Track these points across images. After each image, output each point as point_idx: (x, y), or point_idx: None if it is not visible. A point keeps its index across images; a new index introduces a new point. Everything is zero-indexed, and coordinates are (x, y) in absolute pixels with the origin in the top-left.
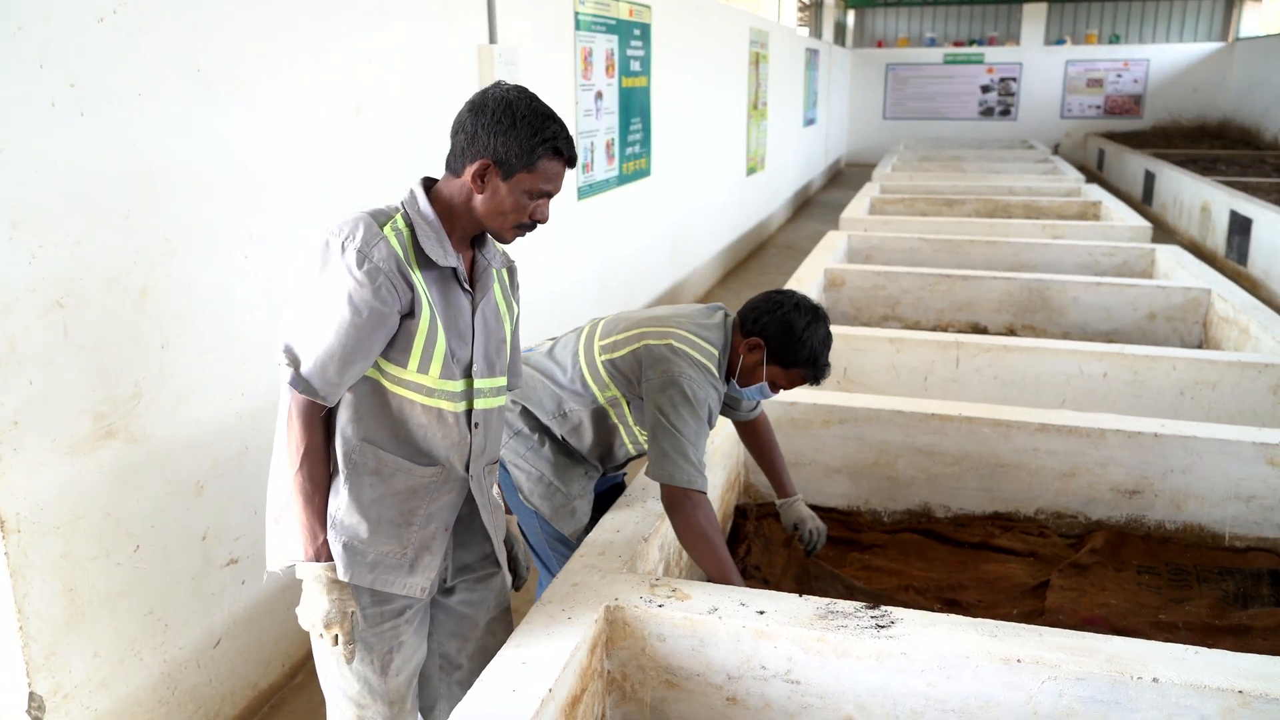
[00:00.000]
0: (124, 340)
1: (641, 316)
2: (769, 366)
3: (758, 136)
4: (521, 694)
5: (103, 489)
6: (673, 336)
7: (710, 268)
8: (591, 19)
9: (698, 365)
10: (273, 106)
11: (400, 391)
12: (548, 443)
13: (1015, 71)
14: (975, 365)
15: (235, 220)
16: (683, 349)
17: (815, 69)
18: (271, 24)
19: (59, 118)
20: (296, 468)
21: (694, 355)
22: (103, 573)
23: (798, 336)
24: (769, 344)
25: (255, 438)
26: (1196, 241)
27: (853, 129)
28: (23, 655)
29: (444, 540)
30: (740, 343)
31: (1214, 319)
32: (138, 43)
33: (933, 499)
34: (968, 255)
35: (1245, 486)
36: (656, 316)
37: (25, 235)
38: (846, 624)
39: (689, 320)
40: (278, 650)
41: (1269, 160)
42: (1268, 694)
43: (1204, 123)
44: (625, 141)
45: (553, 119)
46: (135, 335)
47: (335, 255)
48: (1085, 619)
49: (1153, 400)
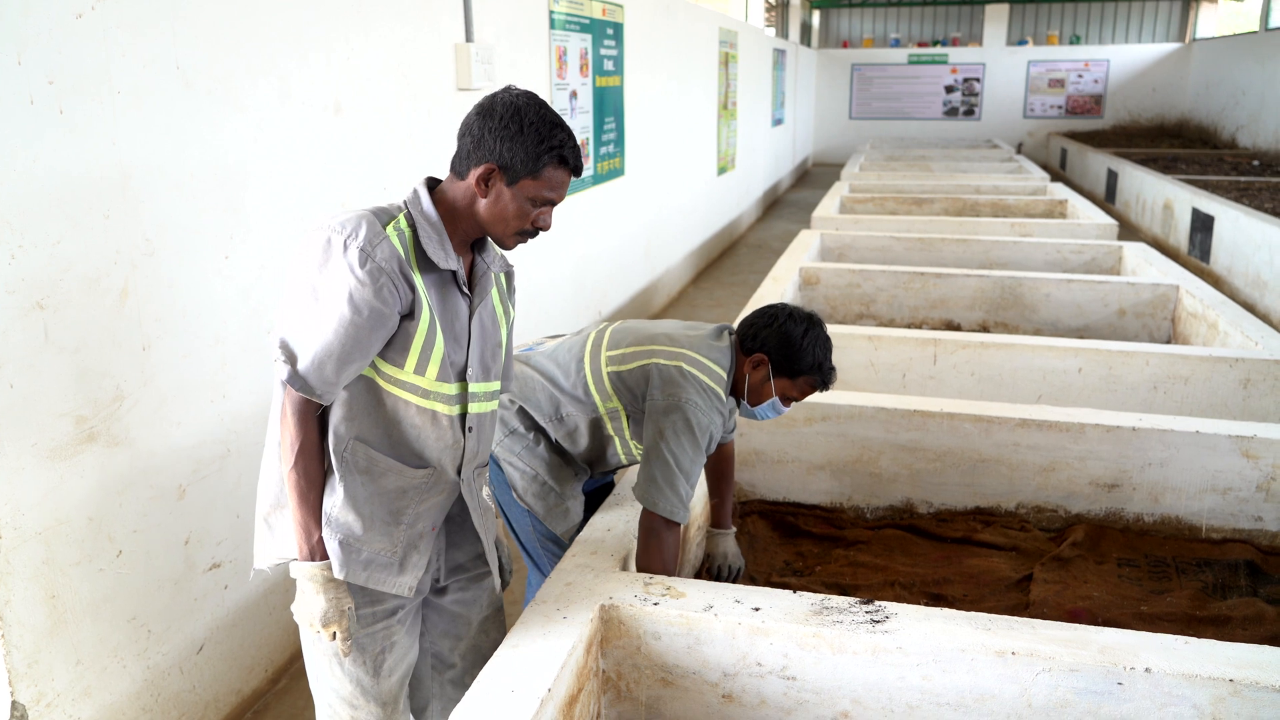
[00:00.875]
0: (104, 342)
1: (653, 332)
2: (776, 380)
3: (728, 136)
4: (520, 694)
5: (84, 493)
6: (683, 359)
7: (683, 267)
8: (565, 18)
9: (705, 390)
10: (253, 105)
11: (396, 392)
12: (543, 442)
13: (979, 72)
14: (953, 362)
15: (216, 220)
16: (692, 372)
17: (783, 69)
18: (251, 22)
19: (37, 115)
20: (291, 465)
21: (703, 379)
22: (85, 579)
23: (798, 345)
24: (771, 357)
25: (237, 440)
26: (1160, 239)
27: (819, 129)
28: (4, 663)
29: (431, 540)
30: (744, 362)
31: (1182, 314)
32: (116, 39)
33: (915, 495)
34: (939, 253)
35: (1221, 479)
36: (669, 335)
37: (4, 235)
38: (842, 620)
39: (700, 341)
40: (261, 655)
41: (1227, 159)
42: (1257, 682)
43: (1163, 122)
44: (600, 141)
45: (561, 127)
46: (116, 337)
47: (337, 253)
48: (1069, 612)
49: (1126, 395)
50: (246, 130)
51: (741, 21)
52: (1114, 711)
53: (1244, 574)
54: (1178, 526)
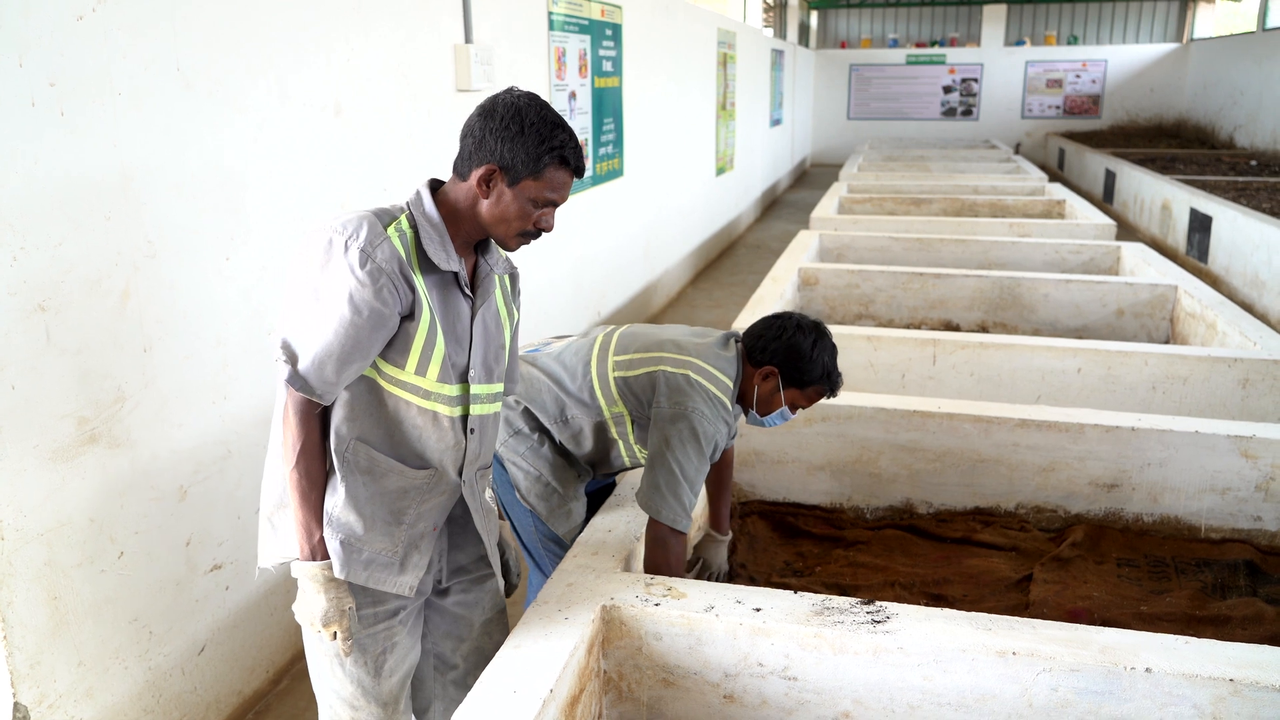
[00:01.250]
0: (106, 344)
1: (661, 338)
2: (786, 391)
3: (726, 136)
4: (522, 694)
5: (86, 495)
6: (691, 367)
7: (682, 268)
8: (564, 19)
9: (712, 399)
10: (253, 106)
11: (397, 392)
12: (547, 443)
13: (976, 72)
14: (952, 362)
15: (216, 221)
16: (699, 381)
17: (781, 70)
18: (251, 23)
19: (39, 117)
20: (292, 465)
21: (710, 389)
22: (87, 580)
23: (807, 356)
24: (781, 369)
25: (238, 441)
26: (1158, 239)
27: (817, 129)
28: (7, 665)
29: (432, 540)
30: (753, 374)
31: (1181, 315)
32: (117, 41)
33: (915, 495)
34: (937, 254)
35: (1220, 479)
36: (676, 342)
37: (5, 237)
38: (843, 620)
39: (707, 350)
40: (262, 656)
41: (1225, 159)
42: (1258, 682)
43: (1161, 122)
44: (599, 142)
45: (562, 128)
46: (117, 339)
47: (338, 253)
48: (1069, 612)
49: (1125, 395)
50: (247, 131)
51: (740, 22)
52: (1114, 711)
53: (1243, 574)
54: (1177, 526)
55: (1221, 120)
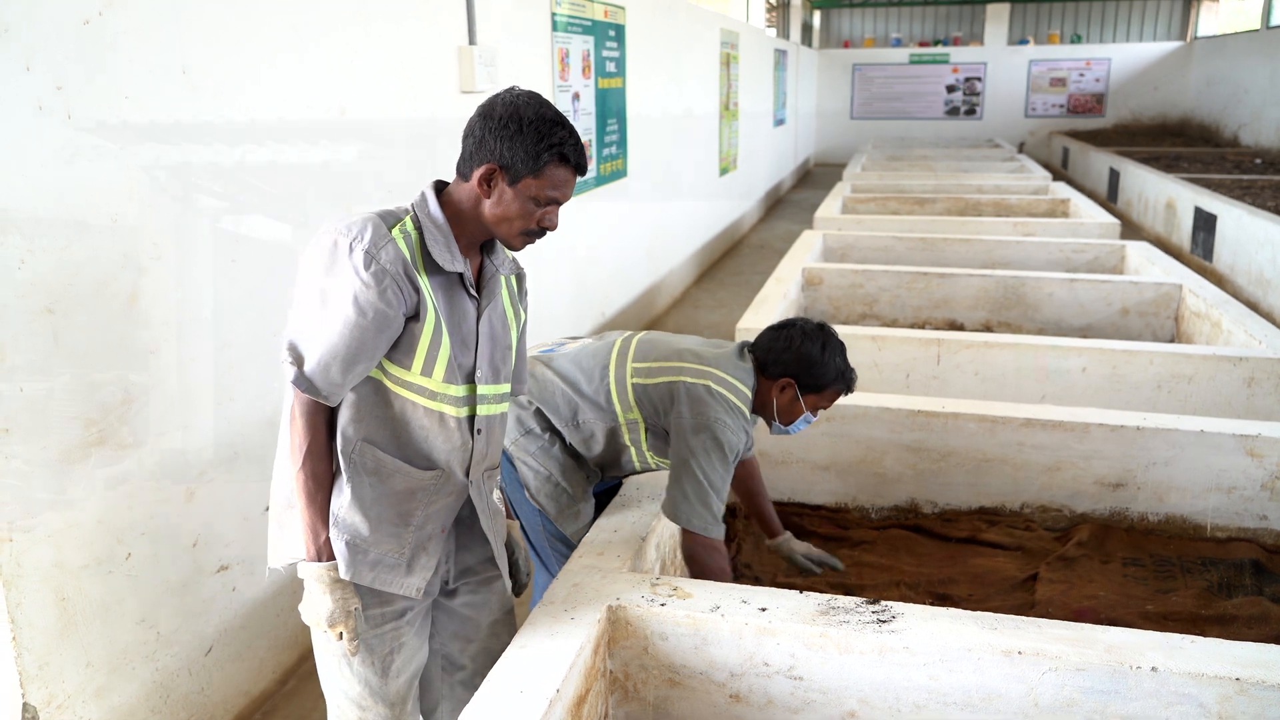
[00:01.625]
0: (113, 346)
1: (679, 348)
2: (805, 397)
3: (730, 137)
4: (529, 694)
5: (94, 496)
6: (711, 378)
7: (686, 268)
8: (568, 20)
9: (733, 410)
10: (258, 108)
11: (403, 393)
12: (558, 444)
13: (980, 71)
14: (956, 362)
15: (222, 224)
16: (720, 392)
17: (784, 69)
18: (256, 26)
19: (46, 121)
20: (299, 466)
21: (730, 399)
22: (95, 581)
23: (820, 362)
24: (797, 379)
25: (244, 443)
26: (1162, 238)
27: (821, 129)
28: (16, 665)
29: (440, 541)
30: (769, 387)
31: (1185, 314)
32: (123, 45)
33: (920, 495)
34: (941, 253)
35: (1226, 478)
36: (695, 352)
37: (14, 240)
38: (848, 619)
39: (725, 360)
40: (269, 657)
41: (1229, 157)
42: (1264, 681)
43: (1165, 121)
44: (602, 143)
45: (561, 125)
46: (124, 341)
47: (343, 255)
48: (1075, 611)
49: (1130, 394)
50: (252, 134)
51: (743, 22)
52: (1120, 710)
53: (1249, 573)
54: (1183, 526)
55: (1226, 118)
